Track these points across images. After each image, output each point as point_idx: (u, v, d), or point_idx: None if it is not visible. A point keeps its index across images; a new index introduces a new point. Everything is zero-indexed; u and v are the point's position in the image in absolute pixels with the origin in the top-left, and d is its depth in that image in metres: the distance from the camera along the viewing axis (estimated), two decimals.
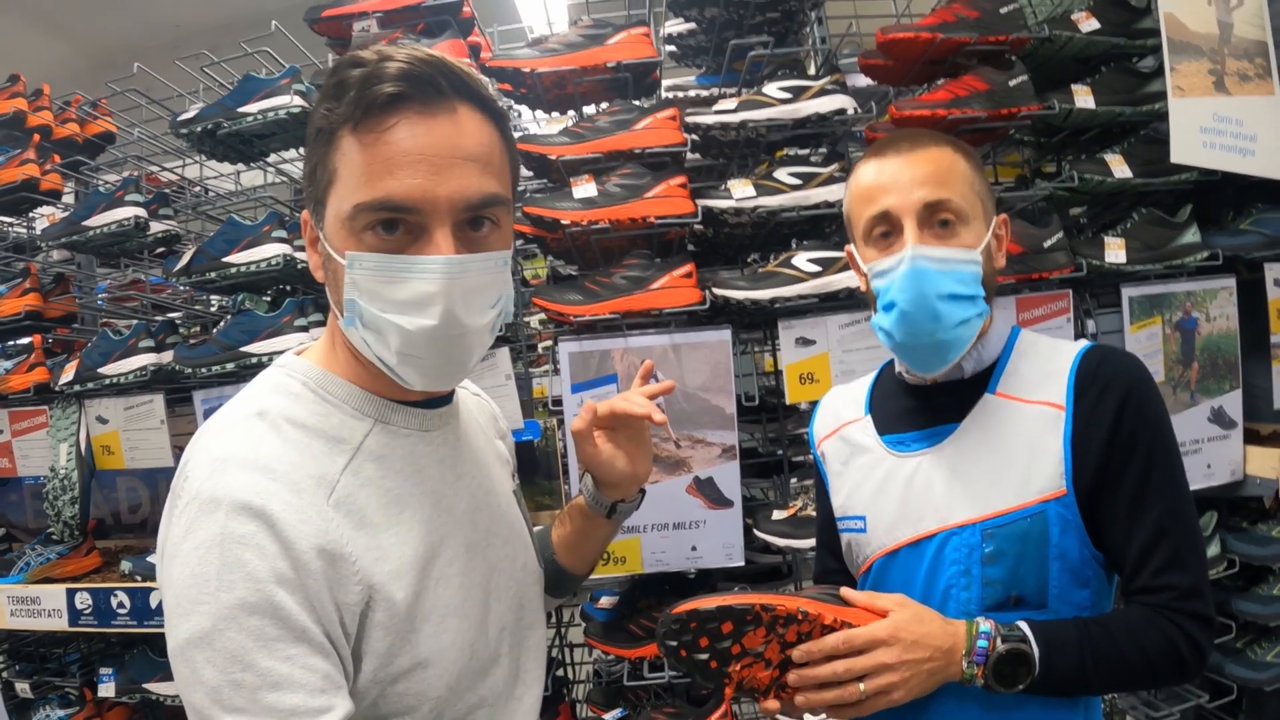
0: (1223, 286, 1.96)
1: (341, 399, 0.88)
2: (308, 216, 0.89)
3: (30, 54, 4.50)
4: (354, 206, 0.79)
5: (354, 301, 0.82)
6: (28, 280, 2.42)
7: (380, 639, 0.82)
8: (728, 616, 0.99)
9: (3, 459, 2.41)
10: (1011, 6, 1.88)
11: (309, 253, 0.90)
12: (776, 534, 1.82)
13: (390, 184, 0.78)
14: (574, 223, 1.79)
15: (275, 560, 0.76)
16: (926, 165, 1.08)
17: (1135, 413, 1.04)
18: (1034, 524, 1.04)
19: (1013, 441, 1.08)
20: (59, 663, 2.57)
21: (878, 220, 1.09)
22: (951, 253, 1.06)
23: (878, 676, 0.97)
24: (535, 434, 1.92)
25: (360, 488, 0.84)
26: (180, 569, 0.76)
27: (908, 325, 1.07)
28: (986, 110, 1.79)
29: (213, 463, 0.80)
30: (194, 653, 0.74)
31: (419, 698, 0.85)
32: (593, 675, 2.19)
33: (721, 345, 1.82)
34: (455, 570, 0.90)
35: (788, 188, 1.85)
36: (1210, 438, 1.94)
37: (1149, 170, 1.91)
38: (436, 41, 1.90)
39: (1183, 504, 1.05)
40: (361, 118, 0.79)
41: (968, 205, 1.08)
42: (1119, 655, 0.99)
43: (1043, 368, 1.10)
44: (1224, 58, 1.92)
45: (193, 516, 0.77)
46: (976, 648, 0.98)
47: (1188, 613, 1.00)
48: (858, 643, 0.98)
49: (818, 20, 2.17)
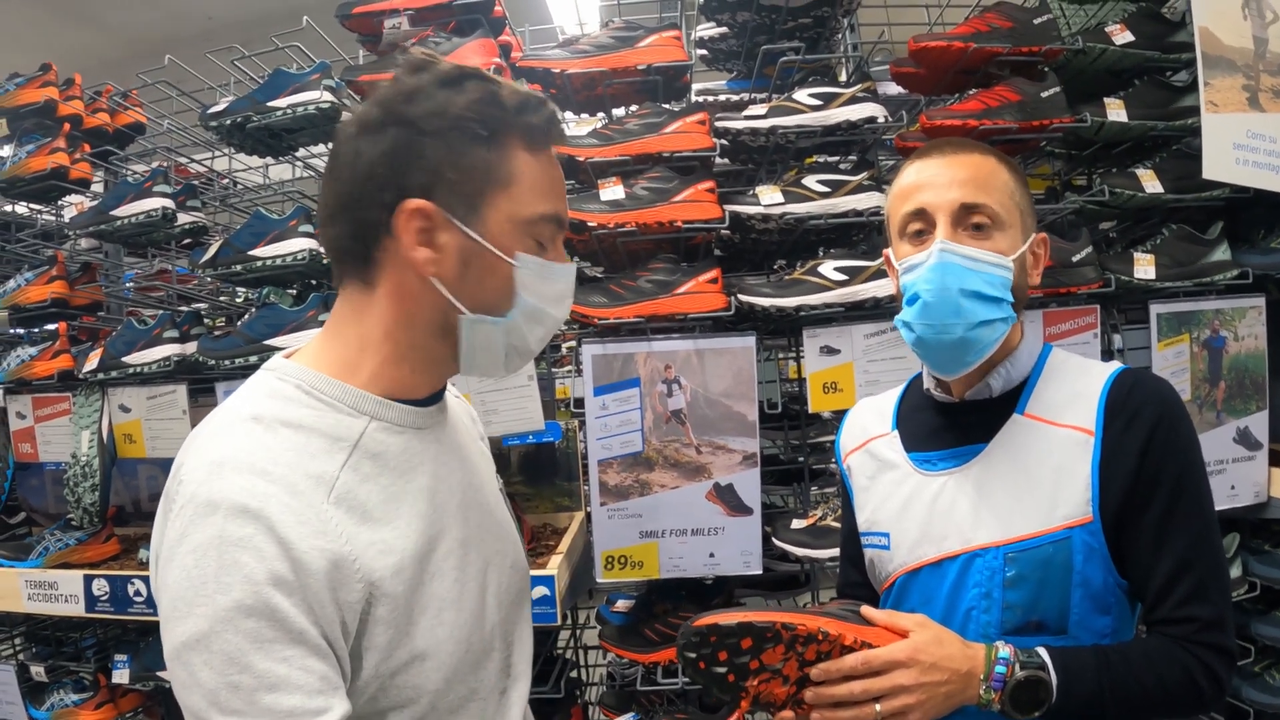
0: (1252, 305, 1.94)
1: (335, 398, 0.88)
2: (428, 207, 0.84)
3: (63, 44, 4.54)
4: (540, 214, 0.89)
5: (520, 295, 0.90)
6: (54, 268, 2.44)
7: (382, 633, 0.83)
8: (748, 633, 0.99)
9: (25, 444, 2.43)
10: (1045, 17, 1.87)
11: (420, 249, 0.85)
12: (795, 543, 1.81)
13: (560, 204, 0.92)
14: (601, 225, 1.79)
15: (273, 562, 0.76)
16: (967, 169, 1.08)
17: (1164, 441, 1.03)
18: (1058, 550, 1.03)
19: (1040, 465, 1.07)
20: (75, 647, 2.59)
21: (913, 217, 1.09)
22: (982, 253, 1.06)
23: (894, 698, 0.96)
24: (556, 435, 1.92)
25: (360, 484, 0.85)
26: (176, 572, 0.76)
27: (928, 317, 1.06)
28: (1018, 121, 1.77)
29: (209, 466, 0.80)
30: (191, 655, 0.75)
31: (417, 690, 0.86)
32: (606, 678, 2.19)
33: (745, 352, 1.82)
34: (451, 564, 0.91)
35: (816, 195, 1.84)
36: (1235, 458, 1.92)
37: (1180, 186, 1.90)
38: (467, 41, 1.90)
39: (1208, 534, 1.03)
40: (534, 136, 0.89)
41: (1004, 212, 1.08)
42: (1137, 685, 0.98)
43: (1073, 389, 1.09)
44: (1259, 73, 1.90)
45: (189, 519, 0.77)
46: (995, 673, 0.97)
47: (1208, 645, 0.99)
48: (876, 664, 0.97)
49: (850, 27, 2.16)
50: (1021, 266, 1.09)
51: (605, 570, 1.85)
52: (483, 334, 0.90)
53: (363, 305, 0.90)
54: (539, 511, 2.24)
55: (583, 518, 2.15)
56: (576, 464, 2.03)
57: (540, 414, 1.91)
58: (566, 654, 2.26)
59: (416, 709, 0.86)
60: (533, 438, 1.95)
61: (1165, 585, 1.01)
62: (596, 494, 1.84)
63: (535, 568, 1.85)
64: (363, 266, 0.89)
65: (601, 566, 1.85)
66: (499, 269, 0.87)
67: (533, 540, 2.03)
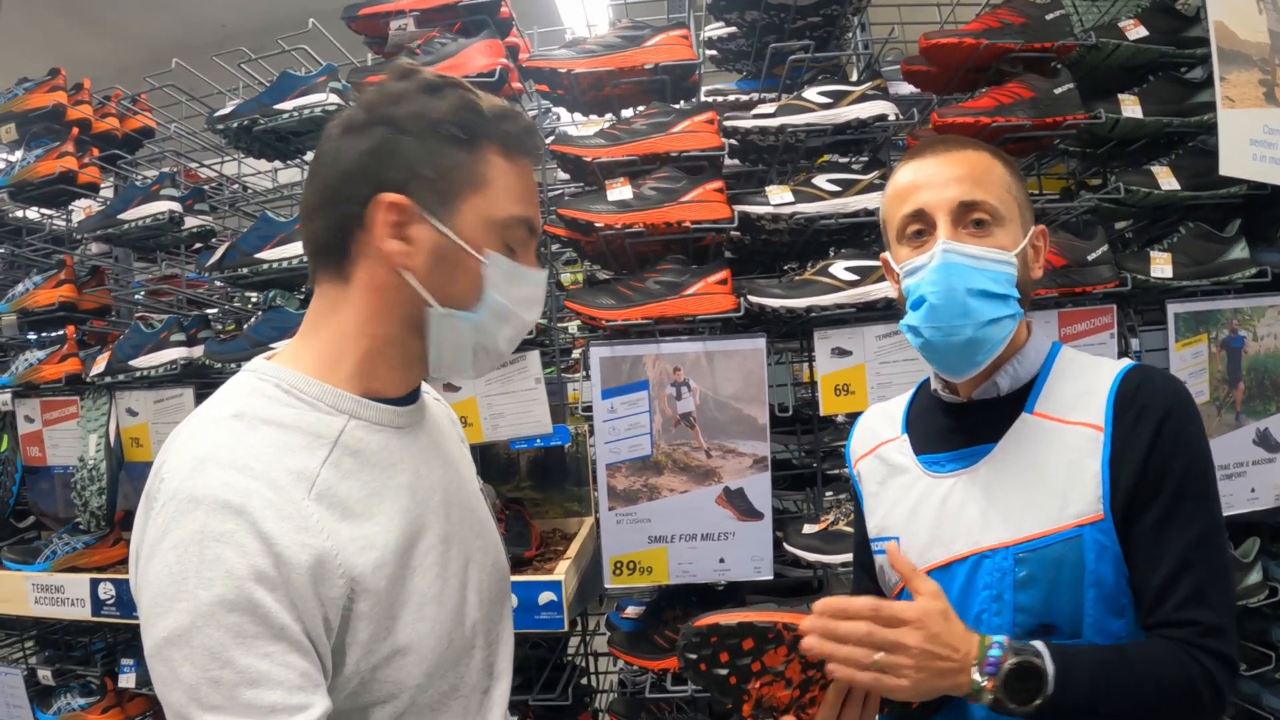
0: (1271, 304, 1.91)
1: (315, 397, 0.89)
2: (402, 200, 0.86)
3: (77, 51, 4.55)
4: (513, 216, 0.92)
5: (489, 293, 0.92)
6: (63, 272, 2.44)
7: (364, 628, 0.84)
8: (749, 633, 0.97)
9: (33, 448, 2.44)
10: (1058, 13, 1.85)
11: (391, 241, 0.87)
12: (807, 548, 1.78)
13: (532, 210, 0.95)
14: (608, 226, 1.77)
15: (255, 558, 0.76)
16: (963, 166, 1.07)
17: (1171, 435, 1.00)
18: (1069, 549, 1.01)
19: (1050, 463, 1.05)
20: (84, 651, 2.59)
21: (911, 218, 1.08)
22: (985, 251, 1.05)
23: (893, 654, 0.93)
24: (565, 439, 1.90)
25: (341, 480, 0.86)
26: (158, 568, 0.76)
27: (935, 320, 1.05)
28: (1031, 118, 1.75)
29: (191, 463, 0.80)
30: (172, 651, 0.74)
31: (398, 685, 0.87)
32: (617, 685, 2.17)
33: (755, 354, 1.80)
34: (432, 560, 0.92)
35: (827, 194, 1.82)
36: (1255, 461, 1.88)
37: (1197, 183, 1.87)
38: (473, 41, 1.89)
39: (1213, 537, 1.00)
40: (510, 144, 0.92)
41: (1004, 207, 1.07)
42: (1134, 685, 0.94)
43: (1082, 387, 1.07)
44: (1275, 68, 1.88)
45: (170, 516, 0.77)
46: (989, 657, 0.93)
47: (1210, 650, 0.96)
48: (883, 615, 0.94)
49: (860, 26, 2.14)
50: (1024, 261, 1.08)
51: (614, 575, 1.83)
52: (450, 329, 0.91)
53: (339, 300, 0.91)
54: (548, 517, 2.22)
55: (592, 523, 2.13)
56: (586, 469, 2.01)
57: (548, 417, 1.89)
58: (576, 660, 2.24)
59: (398, 704, 0.87)
60: (540, 441, 1.93)
61: (1164, 586, 0.98)
62: (605, 498, 1.82)
63: (543, 573, 1.83)
64: (339, 261, 0.90)
65: (610, 572, 1.83)
66: (468, 265, 0.90)
67: (541, 545, 2.02)
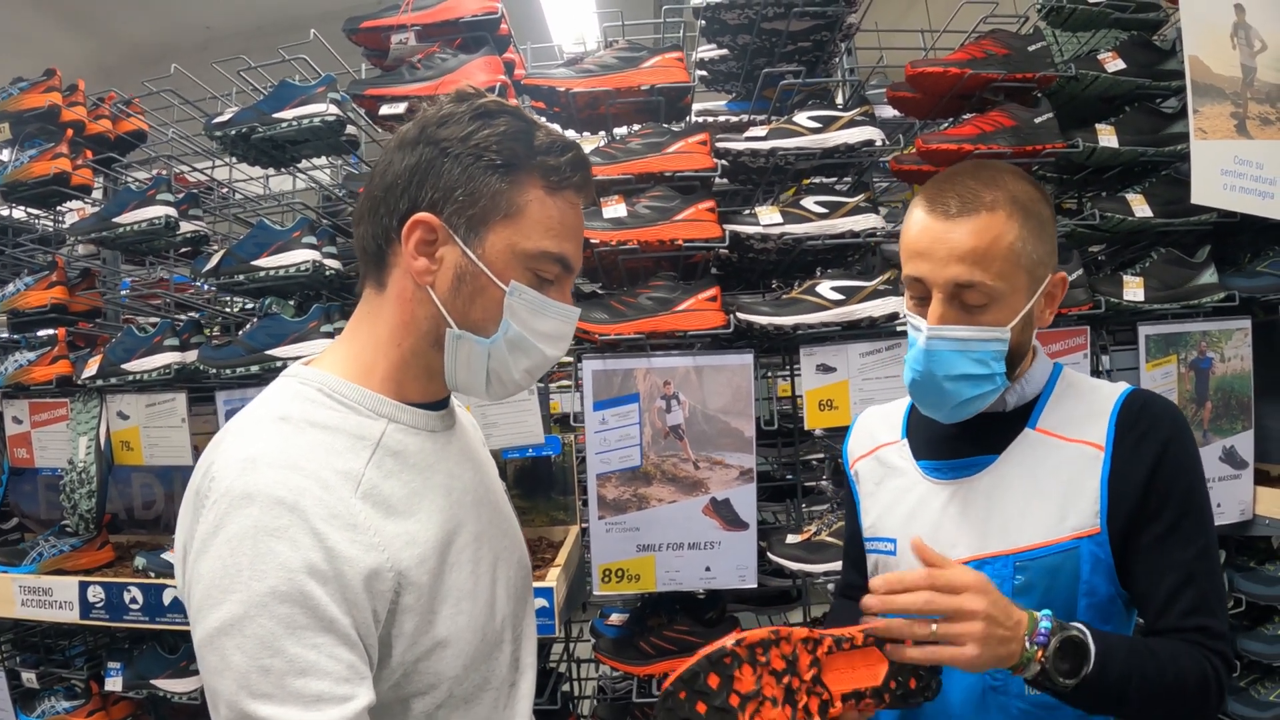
0: (1238, 327, 1.99)
1: (355, 401, 0.92)
2: (433, 220, 0.90)
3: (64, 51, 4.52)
4: (542, 250, 0.93)
5: (507, 322, 0.93)
6: (54, 273, 2.44)
7: (408, 621, 0.87)
8: (708, 668, 0.95)
9: (21, 449, 2.42)
10: (1039, 45, 1.91)
11: (419, 258, 0.91)
12: (790, 558, 1.83)
13: (568, 246, 0.95)
14: (603, 242, 1.82)
15: (308, 552, 0.79)
16: (968, 238, 1.04)
17: (1174, 461, 1.06)
18: (1066, 559, 1.07)
19: (1050, 477, 1.09)
20: (64, 655, 2.57)
21: (913, 280, 1.11)
22: (974, 332, 1.07)
23: (957, 622, 0.93)
24: (556, 449, 1.94)
25: (384, 479, 0.89)
26: (211, 561, 0.79)
27: (917, 394, 1.14)
28: (1011, 146, 1.81)
29: (242, 462, 0.83)
30: (224, 640, 0.77)
31: (438, 676, 0.90)
32: (597, 691, 2.20)
33: (744, 369, 1.84)
34: (467, 556, 0.96)
35: (814, 216, 1.87)
36: (1221, 477, 1.96)
37: (1169, 210, 1.94)
38: (473, 58, 1.92)
39: (1211, 550, 1.07)
40: (553, 178, 0.93)
41: (1004, 283, 1.05)
42: (1160, 672, 0.99)
43: (1084, 407, 1.12)
44: (1246, 101, 1.95)
45: (223, 512, 0.80)
46: (1040, 629, 0.96)
47: (1216, 652, 1.03)
48: (940, 581, 0.94)
49: (847, 51, 2.20)
50: (1025, 322, 1.10)
51: (602, 583, 1.87)
52: (465, 350, 0.94)
53: (377, 306, 0.96)
54: (534, 525, 2.25)
55: (578, 532, 2.16)
56: (572, 478, 2.04)
57: (540, 428, 1.93)
58: (560, 667, 2.27)
59: (436, 695, 0.91)
60: (532, 451, 1.97)
61: (1170, 595, 1.04)
62: (595, 507, 1.86)
63: (535, 580, 1.86)
64: (379, 269, 0.95)
65: (599, 579, 1.87)
66: (490, 291, 0.92)
67: (530, 553, 2.04)
